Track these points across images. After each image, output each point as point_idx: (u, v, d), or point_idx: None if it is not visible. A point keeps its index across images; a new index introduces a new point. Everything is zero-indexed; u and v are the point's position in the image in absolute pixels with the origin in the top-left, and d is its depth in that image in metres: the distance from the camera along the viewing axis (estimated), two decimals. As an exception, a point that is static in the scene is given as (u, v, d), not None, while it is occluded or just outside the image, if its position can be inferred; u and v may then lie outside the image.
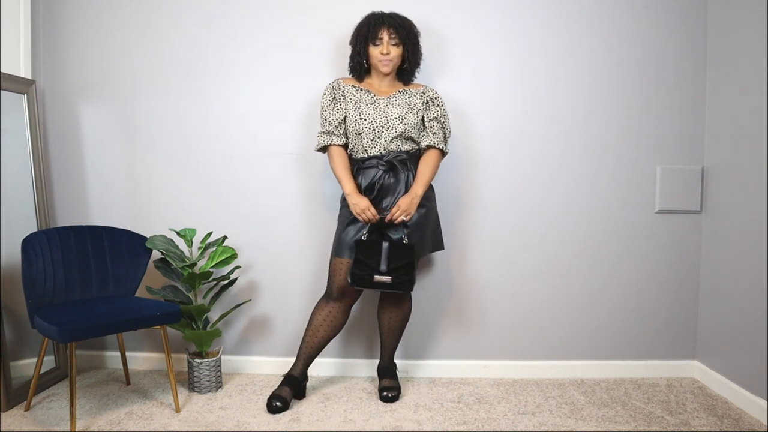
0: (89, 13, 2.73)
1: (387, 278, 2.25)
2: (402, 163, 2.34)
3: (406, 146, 2.36)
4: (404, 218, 2.27)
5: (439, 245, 2.48)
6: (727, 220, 2.53)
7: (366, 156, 2.35)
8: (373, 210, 2.28)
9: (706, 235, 2.68)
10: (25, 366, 2.49)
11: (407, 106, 2.37)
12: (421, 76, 2.59)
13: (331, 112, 2.38)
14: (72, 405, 2.09)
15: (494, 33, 2.67)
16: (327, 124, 2.37)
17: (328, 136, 2.37)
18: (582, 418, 2.30)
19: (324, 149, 2.40)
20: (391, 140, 2.34)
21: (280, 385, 2.41)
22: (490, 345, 2.74)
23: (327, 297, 2.41)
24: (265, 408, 2.36)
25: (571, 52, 2.66)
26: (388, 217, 2.28)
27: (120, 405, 2.40)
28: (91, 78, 2.75)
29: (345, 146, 2.40)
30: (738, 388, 2.41)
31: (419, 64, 2.45)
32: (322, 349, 2.43)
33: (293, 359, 2.74)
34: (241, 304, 2.69)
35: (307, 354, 2.42)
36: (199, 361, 2.50)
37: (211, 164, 2.74)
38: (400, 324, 2.51)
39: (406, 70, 2.43)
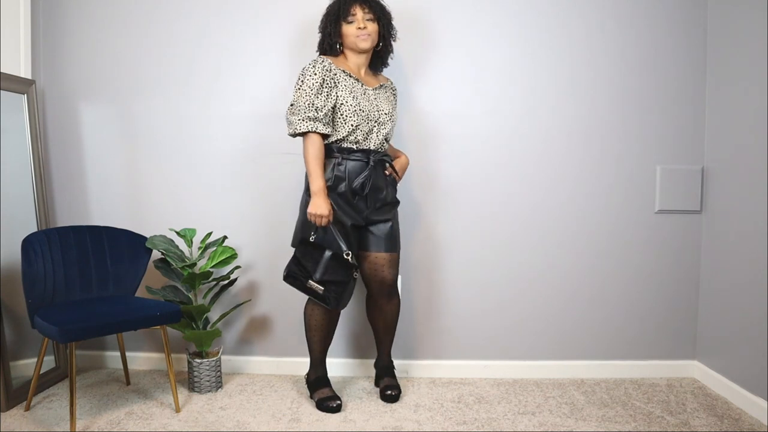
0: (89, 14, 2.73)
1: (319, 288, 2.20)
2: (382, 164, 2.34)
3: (386, 146, 2.37)
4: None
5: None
6: (727, 220, 2.53)
7: (354, 148, 2.27)
8: (330, 218, 2.20)
9: (706, 235, 2.68)
10: (25, 366, 2.49)
11: (392, 103, 2.39)
12: (421, 75, 2.59)
13: (319, 96, 2.19)
14: (72, 405, 2.09)
15: (494, 33, 2.67)
16: (312, 109, 2.18)
17: (313, 122, 2.18)
18: (582, 418, 2.30)
19: (299, 134, 2.22)
20: (382, 137, 2.32)
21: (324, 387, 2.39)
22: (490, 345, 2.74)
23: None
24: (324, 410, 2.33)
25: (571, 52, 2.66)
26: (390, 170, 2.34)
27: (120, 405, 2.40)
28: (91, 78, 2.75)
29: (324, 137, 2.24)
30: (738, 388, 2.41)
31: (390, 48, 2.39)
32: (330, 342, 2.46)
33: (293, 359, 2.76)
34: (241, 304, 2.69)
35: (325, 352, 2.44)
36: (199, 361, 2.50)
37: (211, 164, 2.74)
38: (392, 320, 2.48)
39: (380, 53, 2.37)
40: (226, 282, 2.60)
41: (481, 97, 2.68)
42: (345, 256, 2.20)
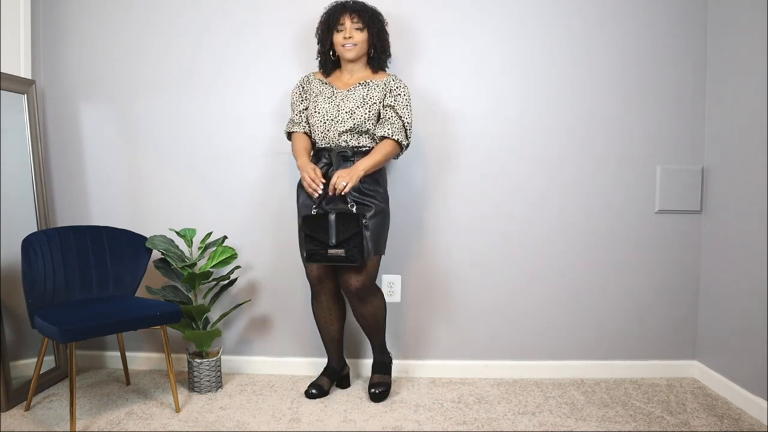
0: (89, 13, 2.73)
1: (340, 251, 2.22)
2: (345, 160, 2.33)
3: (354, 142, 2.34)
4: (344, 184, 2.19)
5: (379, 250, 2.38)
6: (727, 220, 2.53)
7: (318, 147, 2.40)
8: (319, 178, 2.25)
9: (706, 235, 2.68)
10: (25, 366, 2.49)
11: (361, 99, 2.34)
12: (419, 74, 2.58)
13: (297, 103, 2.46)
14: (72, 405, 2.09)
15: (494, 33, 2.67)
16: (293, 114, 2.46)
17: (292, 125, 2.45)
18: (582, 418, 2.30)
19: (290, 136, 2.46)
20: (340, 134, 2.33)
21: (319, 375, 2.54)
22: (490, 345, 2.74)
23: (312, 294, 2.48)
24: (304, 395, 2.48)
25: (571, 51, 2.66)
26: (330, 189, 2.22)
27: (120, 405, 2.40)
28: (91, 78, 2.75)
29: (309, 134, 2.45)
30: (738, 388, 2.41)
31: (388, 52, 2.42)
32: (341, 338, 2.55)
33: (293, 359, 2.77)
34: (241, 304, 2.69)
35: (331, 347, 2.53)
36: (199, 361, 2.50)
37: (211, 164, 2.74)
38: (372, 317, 2.42)
39: (374, 58, 2.40)
40: (226, 282, 2.60)
41: (479, 97, 2.67)
42: (350, 208, 2.26)
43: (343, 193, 2.22)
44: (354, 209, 2.26)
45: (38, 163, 2.61)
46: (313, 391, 2.46)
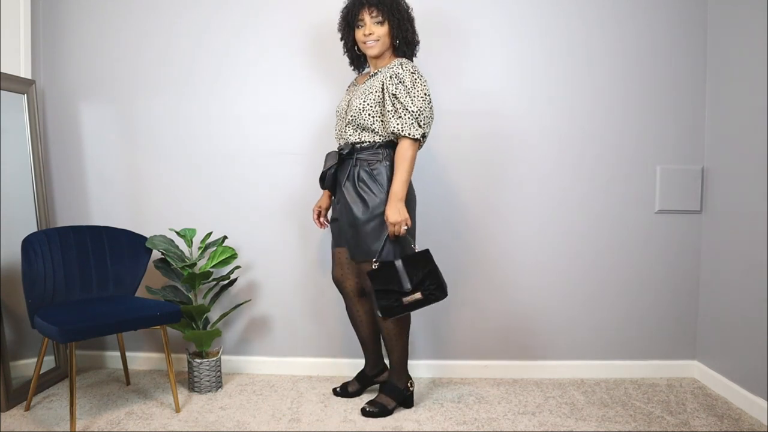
0: (89, 14, 2.73)
1: (417, 295, 2.12)
2: (342, 160, 2.25)
3: (355, 137, 2.23)
4: (405, 227, 2.12)
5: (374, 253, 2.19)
6: (727, 220, 2.53)
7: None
8: (314, 215, 2.48)
9: (706, 235, 2.68)
10: (25, 366, 2.49)
11: (363, 91, 2.23)
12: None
13: None
14: (72, 405, 2.09)
15: (494, 34, 2.67)
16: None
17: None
18: (582, 418, 2.30)
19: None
20: (344, 130, 2.27)
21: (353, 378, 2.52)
22: (490, 345, 2.74)
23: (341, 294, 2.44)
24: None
25: (570, 51, 2.66)
26: (390, 237, 2.16)
27: (120, 405, 2.40)
28: (91, 78, 2.75)
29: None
30: (738, 388, 2.41)
31: (412, 40, 2.27)
32: (372, 342, 2.45)
33: (293, 359, 2.77)
34: (241, 304, 2.69)
35: (363, 349, 2.48)
36: (199, 361, 2.50)
37: (211, 164, 2.74)
38: (390, 332, 2.27)
39: (399, 49, 2.27)
40: (226, 282, 2.60)
41: (479, 97, 2.67)
42: (412, 247, 2.19)
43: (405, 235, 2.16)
44: (416, 248, 2.18)
45: (38, 163, 2.62)
46: (337, 389, 2.48)
